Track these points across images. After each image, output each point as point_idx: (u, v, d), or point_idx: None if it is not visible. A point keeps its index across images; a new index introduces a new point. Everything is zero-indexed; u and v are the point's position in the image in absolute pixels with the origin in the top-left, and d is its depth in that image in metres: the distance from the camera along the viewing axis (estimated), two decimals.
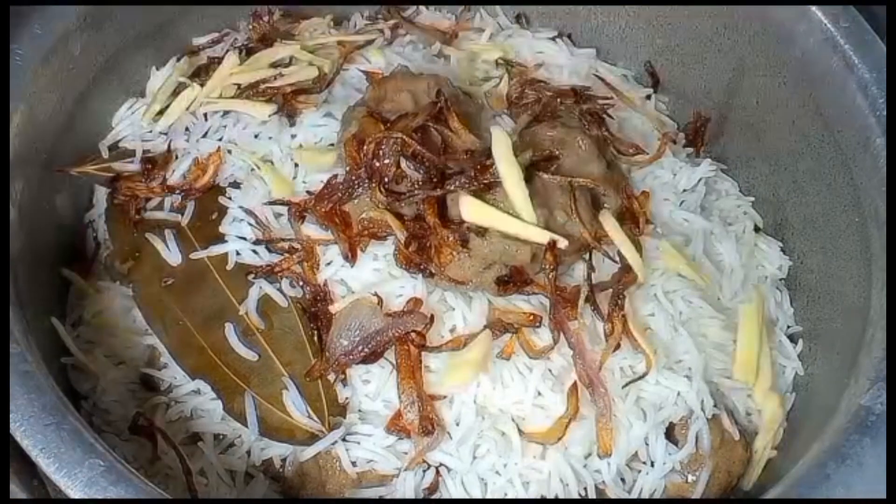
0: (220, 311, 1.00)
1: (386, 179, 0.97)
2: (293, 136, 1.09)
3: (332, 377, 0.96)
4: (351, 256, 0.98)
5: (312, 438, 0.94)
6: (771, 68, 1.14)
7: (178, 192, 1.07)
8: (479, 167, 0.98)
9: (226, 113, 1.12)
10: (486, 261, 0.97)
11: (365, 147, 0.98)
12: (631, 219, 1.07)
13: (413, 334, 0.94)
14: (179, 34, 1.22)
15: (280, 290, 1.00)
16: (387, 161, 0.97)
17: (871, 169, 0.99)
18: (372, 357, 0.95)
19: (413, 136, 1.00)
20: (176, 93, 1.14)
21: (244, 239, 1.03)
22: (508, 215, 0.96)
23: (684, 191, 1.16)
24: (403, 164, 0.97)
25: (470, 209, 0.96)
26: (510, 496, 0.95)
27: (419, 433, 0.92)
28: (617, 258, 1.01)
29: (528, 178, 0.98)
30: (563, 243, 0.96)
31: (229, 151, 1.08)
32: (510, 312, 0.97)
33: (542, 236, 0.96)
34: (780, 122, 1.16)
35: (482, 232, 0.96)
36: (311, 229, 1.01)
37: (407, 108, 1.04)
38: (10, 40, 0.96)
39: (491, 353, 0.95)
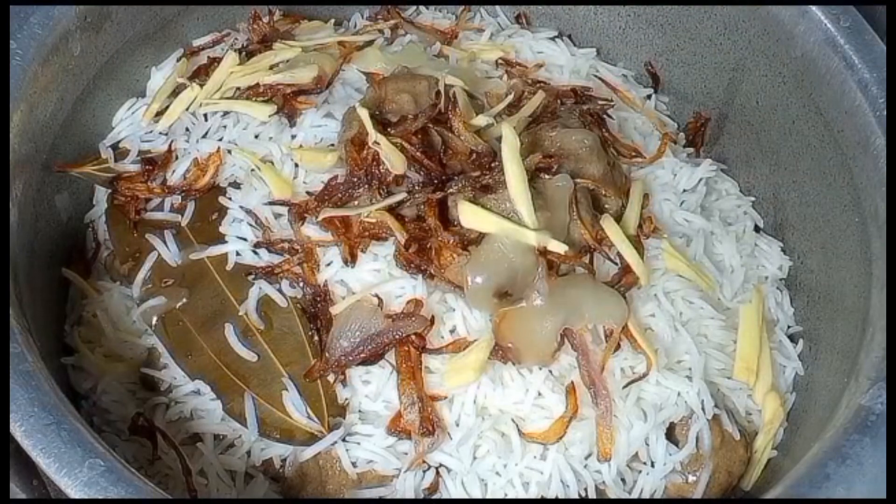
0: (219, 312, 1.00)
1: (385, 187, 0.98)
2: (293, 137, 1.09)
3: (331, 378, 0.96)
4: (351, 259, 0.98)
5: (312, 439, 0.94)
6: (771, 68, 1.15)
7: (178, 192, 1.07)
8: (483, 168, 0.98)
9: (226, 113, 1.12)
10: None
11: (365, 152, 0.98)
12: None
13: (413, 336, 0.94)
14: (179, 34, 1.22)
15: (280, 290, 1.00)
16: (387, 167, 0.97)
17: (871, 169, 0.99)
18: (372, 358, 0.95)
19: (413, 140, 1.00)
20: (176, 93, 1.14)
21: (244, 239, 1.03)
22: (508, 220, 0.95)
23: (684, 191, 1.16)
24: None
25: (469, 216, 0.95)
26: (510, 497, 0.95)
27: (419, 434, 0.92)
28: (617, 260, 1.01)
29: (531, 179, 0.98)
30: (561, 248, 0.95)
31: (229, 152, 1.08)
32: None
33: (542, 241, 0.95)
34: (780, 122, 1.16)
35: (480, 241, 0.96)
36: (311, 230, 1.01)
37: (407, 109, 1.05)
38: (10, 40, 0.96)
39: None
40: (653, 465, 0.98)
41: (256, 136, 1.09)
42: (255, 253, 1.02)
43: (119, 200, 1.08)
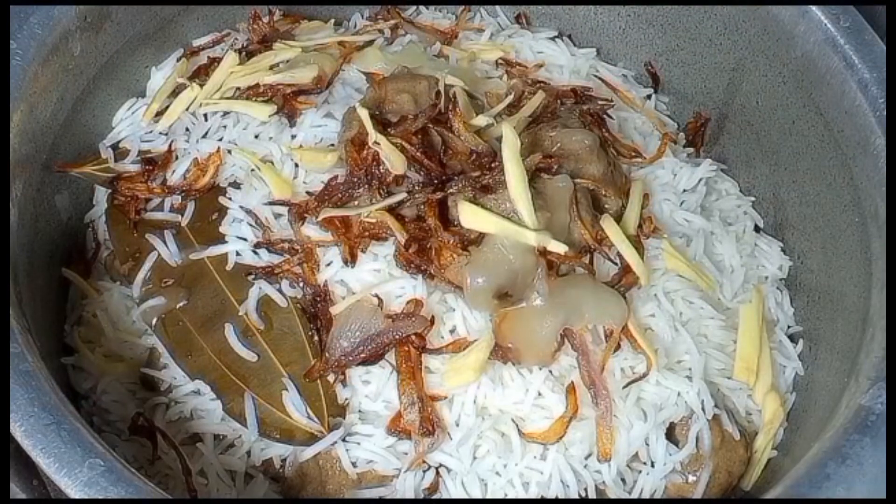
0: (219, 312, 1.00)
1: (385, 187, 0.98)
2: (293, 137, 1.09)
3: (331, 378, 0.96)
4: (351, 259, 0.98)
5: (312, 439, 0.94)
6: (771, 68, 1.15)
7: (178, 192, 1.07)
8: (483, 168, 0.98)
9: (226, 113, 1.12)
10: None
11: (365, 152, 0.98)
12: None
13: (413, 336, 0.94)
14: (179, 34, 1.22)
15: (280, 290, 1.00)
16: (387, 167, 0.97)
17: (871, 169, 0.99)
18: (372, 358, 0.95)
19: (413, 140, 1.00)
20: (176, 93, 1.14)
21: (244, 239, 1.03)
22: (508, 221, 0.95)
23: (684, 191, 1.16)
24: None
25: (469, 216, 0.95)
26: (510, 497, 0.95)
27: (420, 434, 0.92)
28: (617, 260, 1.01)
29: (531, 179, 0.98)
30: (561, 248, 0.95)
31: (229, 152, 1.08)
32: None
33: (542, 242, 0.95)
34: (780, 122, 1.16)
35: (479, 241, 0.96)
36: (311, 230, 1.01)
37: (407, 109, 1.05)
38: (10, 40, 0.96)
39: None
40: (653, 465, 0.98)
41: (256, 136, 1.09)
42: (255, 253, 1.02)
43: (119, 200, 1.08)
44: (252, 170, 1.06)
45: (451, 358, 0.95)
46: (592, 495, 0.96)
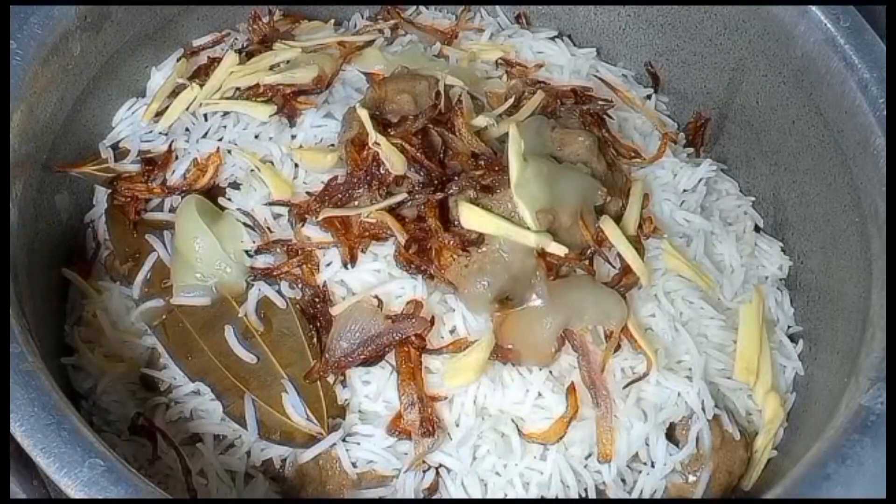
0: (219, 314, 1.00)
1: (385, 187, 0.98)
2: (293, 137, 1.09)
3: (331, 379, 0.96)
4: (350, 260, 0.98)
5: (311, 441, 0.94)
6: (771, 68, 1.14)
7: (178, 192, 1.07)
8: (488, 169, 0.98)
9: (226, 113, 1.11)
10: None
11: (365, 153, 0.98)
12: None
13: (413, 337, 0.94)
14: (179, 34, 1.22)
15: (279, 291, 1.00)
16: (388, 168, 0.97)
17: (871, 169, 0.99)
18: (372, 359, 0.95)
19: (414, 140, 1.00)
20: (175, 93, 1.14)
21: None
22: (509, 222, 0.95)
23: (685, 191, 1.16)
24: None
25: (469, 217, 0.95)
26: (510, 497, 0.95)
27: (420, 434, 0.92)
28: (616, 262, 1.01)
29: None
30: (561, 250, 0.95)
31: (229, 152, 1.08)
32: None
33: (542, 243, 0.95)
34: (780, 122, 1.16)
35: (479, 242, 0.96)
36: (311, 230, 1.01)
37: (407, 109, 1.05)
38: (10, 40, 0.96)
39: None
40: (653, 466, 0.98)
41: (256, 137, 1.09)
42: (252, 256, 1.02)
43: (119, 200, 1.08)
44: (252, 170, 1.06)
45: (451, 358, 0.95)
46: (592, 495, 0.96)
